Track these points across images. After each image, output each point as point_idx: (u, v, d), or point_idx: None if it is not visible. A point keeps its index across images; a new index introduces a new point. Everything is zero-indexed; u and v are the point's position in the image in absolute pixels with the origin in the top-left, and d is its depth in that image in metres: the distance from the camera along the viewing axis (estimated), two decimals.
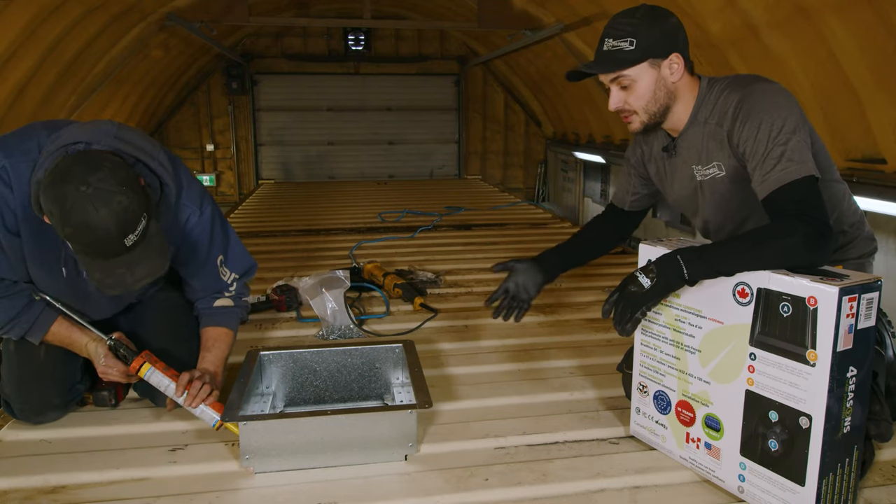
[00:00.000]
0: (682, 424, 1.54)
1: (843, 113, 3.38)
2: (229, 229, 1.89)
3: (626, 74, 1.57)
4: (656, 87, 1.59)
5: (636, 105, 1.61)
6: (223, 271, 1.86)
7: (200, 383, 1.66)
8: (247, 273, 1.94)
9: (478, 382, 2.04)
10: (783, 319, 1.29)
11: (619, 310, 1.46)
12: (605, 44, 1.58)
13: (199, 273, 1.84)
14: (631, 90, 1.59)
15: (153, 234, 1.46)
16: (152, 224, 1.46)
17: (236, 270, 1.89)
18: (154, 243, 1.46)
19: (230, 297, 1.90)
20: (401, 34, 8.98)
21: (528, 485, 1.49)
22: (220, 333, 1.86)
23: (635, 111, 1.62)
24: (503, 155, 9.70)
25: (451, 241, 4.22)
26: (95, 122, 1.59)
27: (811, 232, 1.35)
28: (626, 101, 1.61)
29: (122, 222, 1.37)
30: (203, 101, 8.77)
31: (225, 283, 1.88)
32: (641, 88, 1.59)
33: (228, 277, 1.88)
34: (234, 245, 1.89)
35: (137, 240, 1.41)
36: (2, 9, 3.54)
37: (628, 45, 1.54)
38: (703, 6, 3.77)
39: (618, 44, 1.55)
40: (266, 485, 1.50)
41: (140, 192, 1.42)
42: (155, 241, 1.46)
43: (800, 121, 1.48)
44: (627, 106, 1.62)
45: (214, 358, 1.81)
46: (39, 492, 1.48)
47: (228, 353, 1.88)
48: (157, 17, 5.33)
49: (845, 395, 1.26)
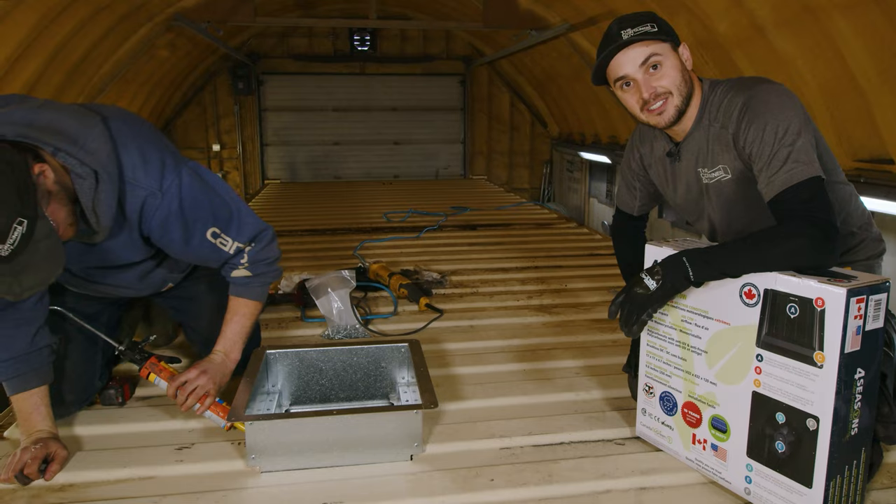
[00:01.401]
0: (689, 425, 1.54)
1: (850, 113, 3.37)
2: (224, 195, 1.67)
3: (658, 51, 1.54)
4: (682, 70, 1.58)
5: (670, 85, 1.56)
6: (222, 241, 1.66)
7: (189, 388, 1.66)
8: (256, 239, 1.72)
9: (483, 382, 2.04)
10: (790, 321, 1.28)
11: (626, 311, 1.46)
12: (625, 34, 1.53)
13: (188, 254, 1.68)
14: (661, 69, 1.55)
15: (40, 239, 1.27)
16: (39, 227, 1.27)
17: (240, 238, 1.68)
18: (41, 248, 1.28)
19: (245, 267, 1.74)
20: (406, 34, 8.99)
21: (534, 485, 1.49)
22: (237, 305, 1.79)
23: (670, 91, 1.56)
24: (508, 155, 9.69)
25: (457, 241, 4.22)
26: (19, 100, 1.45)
27: (818, 233, 1.34)
28: (658, 84, 1.56)
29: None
30: (209, 101, 8.79)
31: (227, 253, 1.68)
32: (671, 68, 1.56)
33: (230, 247, 1.67)
34: (232, 211, 1.67)
35: (15, 248, 1.22)
36: (10, 9, 3.56)
37: (651, 28, 1.53)
38: (709, 6, 3.75)
39: (640, 28, 1.53)
40: (272, 484, 1.50)
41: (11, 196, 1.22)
42: (43, 245, 1.28)
43: (805, 122, 1.47)
44: (662, 88, 1.56)
45: (228, 335, 1.78)
46: (47, 490, 1.49)
47: (248, 324, 1.80)
48: (163, 17, 5.35)
49: (853, 397, 1.25)
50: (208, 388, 1.69)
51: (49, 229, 1.31)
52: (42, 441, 1.55)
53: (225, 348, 1.78)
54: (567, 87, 7.54)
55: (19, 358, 1.61)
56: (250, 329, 1.82)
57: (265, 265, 1.78)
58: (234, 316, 1.79)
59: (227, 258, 1.71)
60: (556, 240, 4.28)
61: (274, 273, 1.82)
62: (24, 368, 1.61)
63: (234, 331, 1.79)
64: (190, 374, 1.69)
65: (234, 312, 1.79)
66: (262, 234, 1.73)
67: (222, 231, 1.65)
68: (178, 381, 1.68)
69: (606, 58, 1.56)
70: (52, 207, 1.36)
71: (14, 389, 1.61)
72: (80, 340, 1.83)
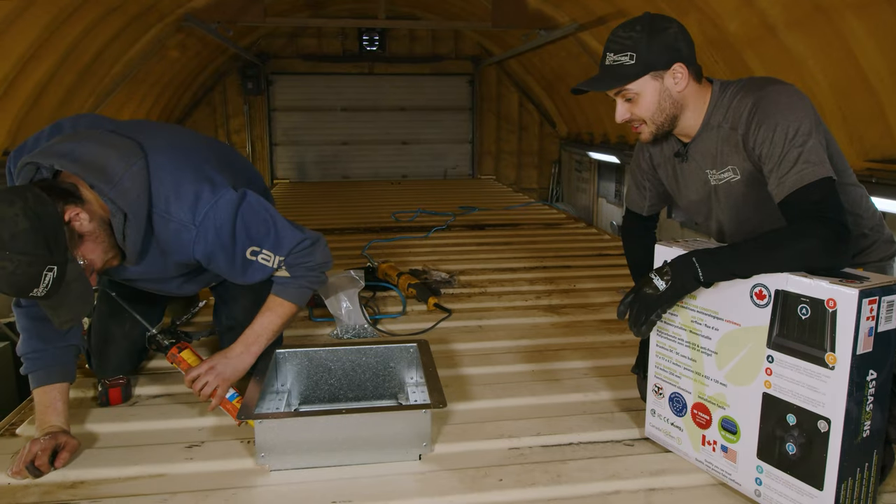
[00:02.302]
0: (698, 427, 1.53)
1: (862, 113, 3.34)
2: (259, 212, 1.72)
3: (629, 88, 1.57)
4: (661, 99, 1.58)
5: (642, 115, 1.61)
6: (265, 257, 1.73)
7: (200, 385, 1.71)
8: (296, 248, 1.77)
9: (492, 383, 2.04)
10: (801, 322, 1.28)
11: (635, 311, 1.46)
12: (607, 58, 1.57)
13: (234, 273, 1.76)
14: (635, 103, 1.59)
15: (71, 280, 1.44)
16: (70, 270, 1.43)
17: (279, 252, 1.74)
18: (73, 289, 1.45)
19: (285, 269, 1.78)
20: (415, 34, 8.99)
21: (543, 486, 1.49)
22: (271, 301, 1.82)
23: (644, 121, 1.62)
24: (517, 155, 9.68)
25: (465, 241, 4.22)
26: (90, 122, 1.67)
27: (830, 235, 1.33)
28: (632, 113, 1.61)
29: (13, 284, 1.37)
30: (219, 101, 8.83)
31: (270, 268, 1.75)
32: (646, 101, 1.58)
33: (273, 262, 1.74)
34: (269, 229, 1.73)
35: (49, 290, 1.40)
36: (22, 10, 3.59)
37: (628, 60, 1.53)
38: (719, 5, 3.74)
39: (618, 58, 1.55)
40: (281, 482, 1.51)
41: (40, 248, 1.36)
42: (74, 286, 1.45)
43: (815, 123, 1.46)
44: (634, 116, 1.62)
45: (255, 327, 1.80)
46: (58, 486, 1.50)
47: (278, 322, 1.82)
48: (174, 17, 5.38)
49: (865, 399, 1.24)
50: (216, 384, 1.71)
51: (79, 272, 1.47)
52: (52, 434, 1.58)
53: (248, 340, 1.80)
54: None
55: (48, 351, 1.70)
56: (279, 327, 1.83)
57: (304, 269, 1.81)
58: (265, 311, 1.82)
59: (272, 272, 1.78)
60: (564, 240, 4.27)
61: (313, 278, 1.84)
62: (51, 362, 1.70)
63: (261, 324, 1.81)
64: (201, 368, 1.73)
65: (267, 308, 1.82)
66: (300, 245, 1.78)
67: (262, 248, 1.73)
68: (191, 376, 1.72)
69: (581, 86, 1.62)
70: (84, 248, 1.51)
71: (38, 382, 1.68)
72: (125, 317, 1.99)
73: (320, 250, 1.83)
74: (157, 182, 1.60)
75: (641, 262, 1.97)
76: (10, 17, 3.56)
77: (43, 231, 1.38)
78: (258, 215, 1.72)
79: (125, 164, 1.56)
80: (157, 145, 1.66)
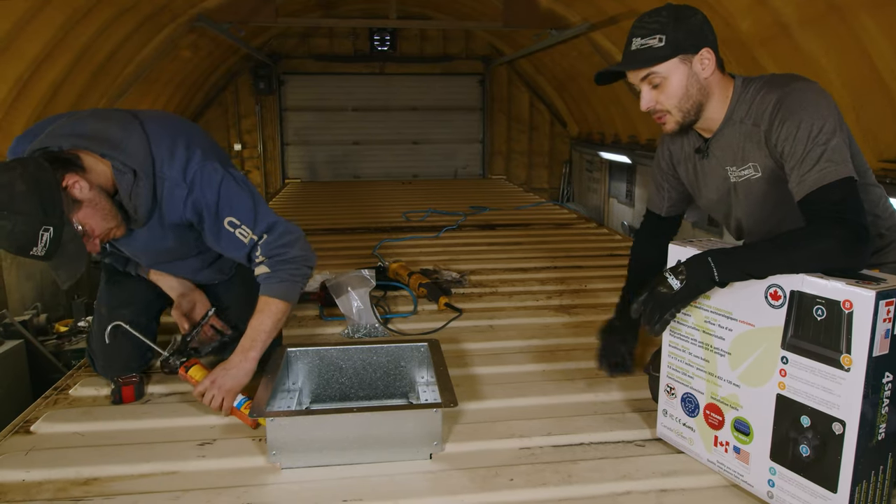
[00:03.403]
0: (711, 427, 1.52)
1: (876, 112, 3.31)
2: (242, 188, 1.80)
3: (657, 71, 1.56)
4: (688, 84, 1.57)
5: (669, 104, 1.59)
6: (242, 232, 1.79)
7: (207, 400, 1.76)
8: (270, 230, 1.81)
9: (503, 382, 2.04)
10: (817, 323, 1.27)
11: (648, 310, 1.45)
12: (633, 43, 1.56)
13: (216, 241, 1.83)
14: (662, 88, 1.57)
15: (67, 241, 1.55)
16: (66, 231, 1.55)
17: (256, 230, 1.80)
18: (69, 250, 1.56)
19: (262, 262, 1.82)
20: (426, 34, 9.01)
21: (554, 486, 1.49)
22: (260, 303, 1.83)
23: (668, 110, 1.60)
24: (528, 155, 9.68)
25: (476, 240, 4.21)
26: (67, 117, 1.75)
27: (848, 235, 1.32)
28: (657, 101, 1.59)
29: (14, 242, 1.49)
30: (231, 101, 8.88)
31: (246, 244, 1.80)
32: (673, 86, 1.56)
33: (247, 237, 1.79)
34: (247, 203, 1.80)
35: (48, 251, 1.51)
36: (37, 11, 3.62)
37: (658, 42, 1.53)
38: (732, 4, 3.72)
39: (647, 42, 1.54)
40: (292, 480, 1.51)
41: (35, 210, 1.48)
42: (70, 247, 1.56)
43: (839, 122, 1.45)
44: (660, 105, 1.60)
45: (248, 332, 1.82)
46: (72, 483, 1.51)
47: (268, 322, 1.82)
48: (186, 18, 5.41)
49: (881, 402, 1.23)
50: (222, 395, 1.75)
51: (74, 233, 1.58)
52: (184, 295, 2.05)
53: (244, 347, 1.81)
54: (587, 86, 7.50)
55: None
56: (271, 327, 1.83)
57: (281, 261, 1.82)
58: (256, 314, 1.83)
59: (248, 251, 1.82)
60: (575, 240, 4.26)
61: (294, 270, 1.84)
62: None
63: (254, 328, 1.82)
64: (204, 384, 1.77)
65: (258, 310, 1.83)
66: (273, 226, 1.83)
67: (241, 222, 1.79)
68: (198, 391, 1.78)
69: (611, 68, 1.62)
70: (82, 213, 1.61)
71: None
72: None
73: (299, 244, 1.85)
74: (155, 145, 1.72)
75: (645, 260, 2.01)
76: (25, 18, 3.60)
77: (38, 194, 1.50)
78: (241, 189, 1.80)
79: (125, 130, 1.70)
80: (151, 116, 1.80)
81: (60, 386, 2.04)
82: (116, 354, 1.98)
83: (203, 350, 2.00)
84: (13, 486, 1.50)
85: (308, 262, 1.88)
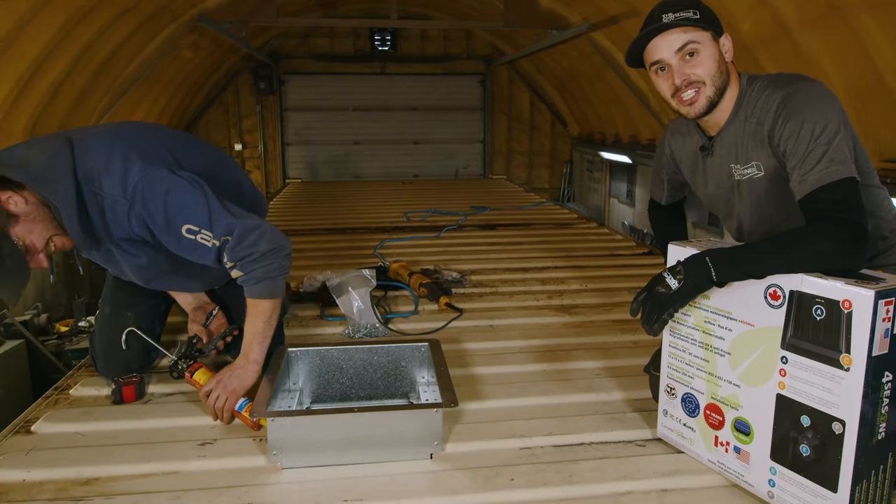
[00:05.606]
0: (711, 427, 1.52)
1: (877, 113, 3.31)
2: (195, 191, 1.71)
3: (697, 39, 1.52)
4: (719, 60, 1.55)
5: (704, 75, 1.54)
6: (203, 237, 1.70)
7: (211, 401, 1.76)
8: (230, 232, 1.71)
9: (503, 382, 2.04)
10: (816, 323, 1.27)
11: (647, 310, 1.45)
12: (665, 17, 1.51)
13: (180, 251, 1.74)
14: (696, 58, 1.53)
15: (6, 256, 1.54)
16: (4, 245, 1.53)
17: (216, 234, 1.70)
18: (8, 265, 1.54)
19: (234, 267, 1.75)
20: (427, 34, 9.01)
21: (554, 486, 1.49)
22: (248, 306, 1.82)
23: (704, 81, 1.54)
24: (528, 155, 9.68)
25: (477, 240, 4.21)
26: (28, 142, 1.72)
27: (847, 236, 1.32)
28: (693, 73, 1.54)
29: None
30: (232, 100, 8.89)
31: (210, 249, 1.72)
32: (709, 57, 1.53)
33: (210, 242, 1.70)
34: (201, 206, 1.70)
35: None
36: (38, 10, 3.62)
37: (692, 14, 1.51)
38: (733, 4, 3.72)
39: (681, 14, 1.50)
40: (293, 480, 1.52)
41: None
42: (9, 262, 1.54)
43: (843, 122, 1.45)
44: (696, 77, 1.54)
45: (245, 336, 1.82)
46: (73, 483, 1.51)
47: (260, 323, 1.80)
48: (187, 18, 5.42)
49: (880, 401, 1.23)
50: (226, 396, 1.75)
51: (13, 248, 1.56)
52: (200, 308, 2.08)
53: (244, 351, 1.82)
54: (588, 86, 7.50)
55: None
56: (263, 328, 1.81)
57: (251, 262, 1.74)
58: (248, 317, 1.83)
59: (216, 256, 1.73)
60: (576, 240, 4.26)
61: (267, 266, 1.76)
62: None
63: (248, 331, 1.83)
64: (211, 384, 1.78)
65: (248, 314, 1.83)
66: (233, 228, 1.71)
67: (199, 227, 1.70)
68: (204, 391, 1.79)
69: (644, 38, 1.55)
70: (19, 228, 1.58)
71: None
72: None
73: (265, 238, 1.74)
74: (86, 162, 1.65)
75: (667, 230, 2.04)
76: (26, 18, 3.60)
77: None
78: (194, 192, 1.70)
79: (45, 155, 1.64)
80: (94, 132, 1.75)
81: (61, 386, 2.04)
82: (118, 355, 1.99)
83: (207, 350, 2.00)
84: (14, 485, 1.50)
85: (281, 252, 1.79)
